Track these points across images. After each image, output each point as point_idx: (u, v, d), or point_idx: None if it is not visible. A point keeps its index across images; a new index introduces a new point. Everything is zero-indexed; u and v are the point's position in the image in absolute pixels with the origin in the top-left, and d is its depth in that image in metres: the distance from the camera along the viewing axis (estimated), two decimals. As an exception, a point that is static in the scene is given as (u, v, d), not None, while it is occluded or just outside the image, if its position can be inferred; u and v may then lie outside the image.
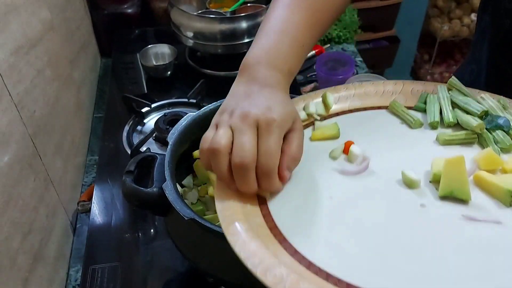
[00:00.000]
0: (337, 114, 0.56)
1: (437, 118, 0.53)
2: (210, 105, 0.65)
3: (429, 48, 2.31)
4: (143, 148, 0.87)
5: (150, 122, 0.96)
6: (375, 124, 0.54)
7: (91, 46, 1.18)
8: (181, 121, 0.62)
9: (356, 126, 0.54)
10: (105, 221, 0.76)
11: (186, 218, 0.50)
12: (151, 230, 0.76)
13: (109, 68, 1.17)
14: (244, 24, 1.03)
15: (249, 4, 1.12)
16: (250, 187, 0.43)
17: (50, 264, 0.70)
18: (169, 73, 1.09)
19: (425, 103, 0.56)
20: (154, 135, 0.90)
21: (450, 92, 0.56)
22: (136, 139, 0.91)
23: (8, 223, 0.58)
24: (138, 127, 0.95)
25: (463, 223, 0.42)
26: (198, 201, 0.64)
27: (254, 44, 0.51)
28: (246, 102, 0.45)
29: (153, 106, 0.98)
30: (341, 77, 1.07)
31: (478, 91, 0.56)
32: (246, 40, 1.05)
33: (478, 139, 0.51)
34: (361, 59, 1.24)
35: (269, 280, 0.35)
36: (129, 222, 0.76)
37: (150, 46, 1.11)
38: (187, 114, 0.64)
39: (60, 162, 0.80)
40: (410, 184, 0.45)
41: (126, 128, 0.94)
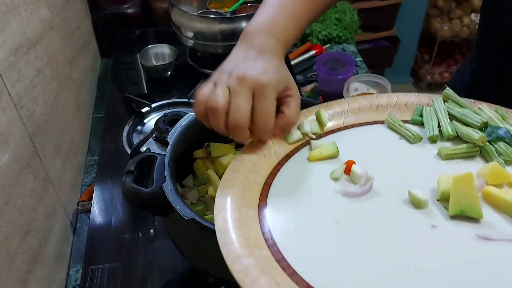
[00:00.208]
0: (332, 132, 0.54)
1: (436, 132, 0.52)
2: (210, 105, 0.65)
3: (429, 48, 2.31)
4: (143, 148, 0.87)
5: (150, 122, 0.96)
6: (373, 140, 0.53)
7: (91, 46, 1.18)
8: (181, 121, 0.62)
9: (353, 143, 0.53)
10: (105, 221, 0.76)
11: (186, 218, 0.50)
12: (151, 230, 0.76)
13: (109, 68, 1.17)
14: (244, 24, 1.03)
15: (249, 4, 1.12)
16: (245, 140, 0.49)
17: (50, 264, 0.70)
18: (169, 73, 1.09)
19: (421, 116, 0.55)
20: (154, 135, 0.90)
21: (446, 103, 0.55)
22: (136, 139, 0.91)
23: (7, 223, 0.58)
24: (138, 127, 0.95)
25: (478, 244, 0.40)
26: (198, 201, 0.64)
27: (255, 15, 0.55)
28: (244, 65, 0.49)
29: (153, 106, 0.98)
30: (341, 77, 1.07)
31: (474, 101, 0.55)
32: (246, 40, 1.05)
33: (481, 152, 0.50)
34: (361, 59, 1.24)
35: None
36: (129, 222, 0.76)
37: (150, 46, 1.11)
38: (187, 114, 0.64)
39: (59, 162, 0.80)
40: (418, 204, 0.44)
41: (126, 128, 0.94)
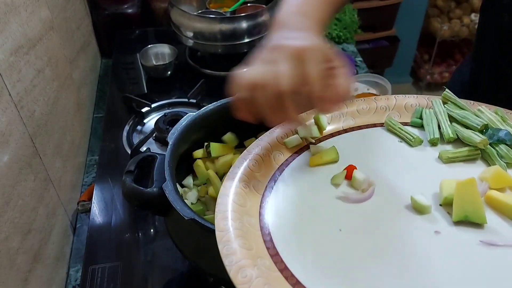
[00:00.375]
0: (331, 135, 0.54)
1: (437, 135, 0.52)
2: (210, 105, 0.65)
3: (429, 48, 2.31)
4: (143, 148, 0.87)
5: (150, 122, 0.96)
6: (373, 143, 0.53)
7: (91, 46, 1.18)
8: (181, 121, 0.62)
9: (353, 147, 0.52)
10: (105, 221, 0.76)
11: (186, 218, 0.50)
12: (151, 230, 0.76)
13: (109, 68, 1.17)
14: (244, 24, 1.03)
15: (249, 4, 1.12)
16: (291, 117, 0.44)
17: (50, 264, 0.70)
18: (169, 73, 1.09)
19: (421, 118, 0.55)
20: (154, 135, 0.90)
21: (445, 105, 0.55)
22: (136, 139, 0.91)
23: (8, 223, 0.58)
24: (138, 127, 0.95)
25: (483, 250, 0.40)
26: (198, 201, 0.64)
27: (282, 4, 0.53)
28: (280, 41, 0.46)
29: (153, 106, 0.98)
30: (341, 77, 1.07)
31: (473, 103, 0.55)
32: (246, 40, 1.05)
33: (482, 155, 0.50)
34: (361, 59, 1.24)
35: None
36: (129, 222, 0.76)
37: (150, 46, 1.11)
38: (187, 114, 0.64)
39: (60, 162, 0.80)
40: (421, 209, 0.44)
41: (126, 128, 0.94)
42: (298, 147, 0.53)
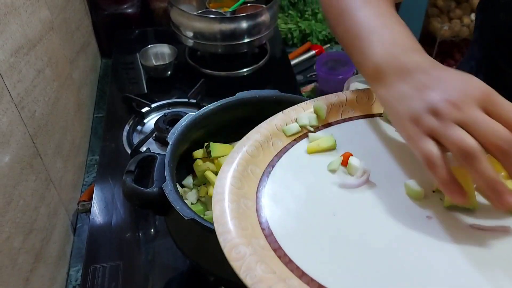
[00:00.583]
0: (330, 124, 0.55)
1: None
2: (210, 105, 0.65)
3: (429, 47, 2.31)
4: (143, 148, 0.87)
5: (150, 122, 0.96)
6: (370, 133, 0.53)
7: (91, 46, 1.18)
8: (181, 121, 0.63)
9: (351, 136, 0.53)
10: (105, 220, 0.77)
11: (186, 218, 0.50)
12: (152, 229, 0.76)
13: (109, 68, 1.17)
14: (244, 24, 1.03)
15: (249, 4, 1.12)
16: None
17: (51, 263, 0.71)
18: (169, 73, 1.09)
19: None
20: (154, 135, 0.90)
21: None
22: (136, 139, 0.91)
23: (9, 223, 0.58)
24: (138, 127, 0.95)
25: (472, 233, 0.41)
26: (198, 201, 0.64)
27: (366, 49, 0.47)
28: (433, 93, 0.38)
29: (153, 106, 0.98)
30: (341, 77, 1.08)
31: None
32: (246, 40, 1.05)
33: None
34: (361, 59, 1.23)
35: None
36: (129, 222, 0.77)
37: (150, 46, 1.11)
38: (187, 114, 0.64)
39: (60, 162, 0.80)
40: (413, 195, 0.44)
41: (126, 128, 0.94)
42: (296, 135, 0.53)
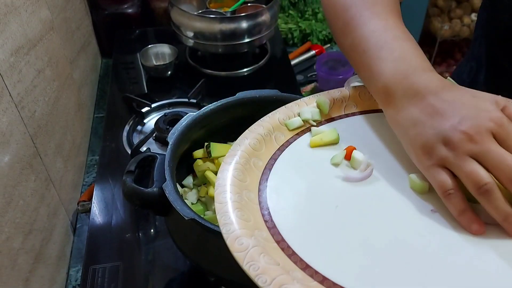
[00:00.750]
0: (333, 119, 0.55)
1: None
2: (210, 105, 0.65)
3: (429, 47, 2.31)
4: (143, 148, 0.87)
5: (150, 122, 0.96)
6: (374, 127, 0.53)
7: (92, 46, 1.18)
8: (181, 121, 0.62)
9: (354, 130, 0.53)
10: (105, 221, 0.76)
11: (186, 218, 0.50)
12: (152, 229, 0.76)
13: (109, 68, 1.17)
14: (244, 24, 1.03)
15: (249, 4, 1.12)
16: None
17: (51, 264, 0.71)
18: (169, 73, 1.09)
19: None
20: (154, 135, 0.90)
21: (455, 85, 0.56)
22: (136, 139, 0.91)
23: (9, 223, 0.58)
24: (138, 127, 0.95)
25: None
26: (198, 201, 0.64)
27: (374, 67, 0.47)
28: (445, 121, 0.39)
29: (153, 106, 0.98)
30: (341, 77, 1.07)
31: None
32: (246, 40, 1.05)
33: None
34: (361, 59, 1.23)
35: None
36: (129, 222, 0.77)
37: (150, 46, 1.11)
38: (187, 114, 0.64)
39: (60, 162, 0.80)
40: (417, 189, 0.44)
41: (127, 128, 0.94)
42: (299, 129, 0.53)
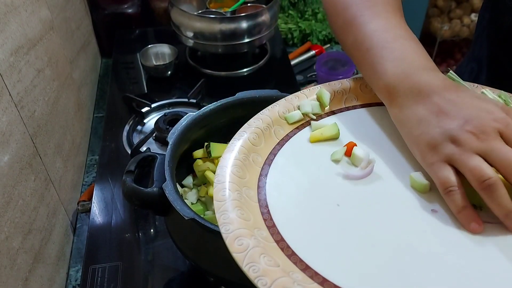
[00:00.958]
0: (333, 113, 0.54)
1: None
2: (210, 105, 0.65)
3: (429, 47, 2.31)
4: (143, 148, 0.87)
5: (150, 122, 0.96)
6: (375, 122, 0.52)
7: (91, 46, 1.18)
8: (181, 121, 0.62)
9: (354, 124, 0.52)
10: (105, 221, 0.76)
11: (186, 218, 0.50)
12: (152, 229, 0.76)
13: (109, 68, 1.17)
14: (244, 24, 1.03)
15: (249, 4, 1.12)
16: None
17: (51, 264, 0.70)
18: (169, 73, 1.09)
19: None
20: (154, 135, 0.90)
21: (457, 84, 0.55)
22: (136, 139, 0.91)
23: (8, 223, 0.58)
24: (138, 127, 0.95)
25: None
26: (198, 201, 0.64)
27: (377, 65, 0.47)
28: (451, 120, 0.40)
29: (153, 106, 0.98)
30: (341, 77, 1.07)
31: (477, 85, 0.54)
32: (246, 40, 1.05)
33: None
34: (361, 59, 1.23)
35: None
36: (129, 222, 0.77)
37: (150, 46, 1.11)
38: (187, 114, 0.64)
39: (60, 162, 0.80)
40: (419, 188, 0.44)
41: (127, 128, 0.94)
42: (299, 123, 0.52)
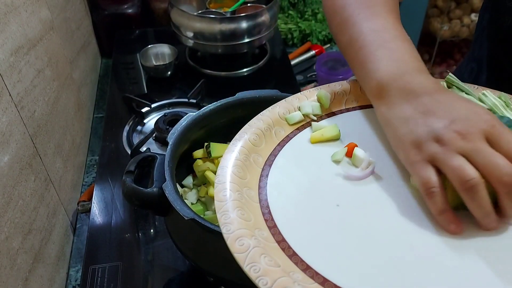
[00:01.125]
0: (333, 114, 0.54)
1: None
2: (210, 105, 0.65)
3: (429, 48, 2.31)
4: (143, 148, 0.87)
5: (150, 122, 0.96)
6: (375, 123, 0.52)
7: (91, 46, 1.18)
8: (181, 121, 0.62)
9: (355, 126, 0.52)
10: (105, 221, 0.76)
11: (186, 218, 0.50)
12: (151, 229, 0.76)
13: (109, 68, 1.17)
14: (244, 24, 1.03)
15: (249, 4, 1.12)
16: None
17: (51, 264, 0.71)
18: (169, 73, 1.09)
19: None
20: (154, 135, 0.90)
21: (449, 89, 0.55)
22: (136, 139, 0.91)
23: (8, 223, 0.58)
24: (138, 127, 0.95)
25: (478, 228, 0.40)
26: (198, 201, 0.64)
27: (370, 64, 0.48)
28: (438, 119, 0.40)
29: (153, 106, 0.98)
30: (341, 77, 1.07)
31: (477, 87, 0.55)
32: (246, 40, 1.05)
33: None
34: (361, 59, 1.23)
35: None
36: (129, 222, 0.77)
37: (150, 46, 1.11)
38: (187, 114, 0.64)
39: (60, 162, 0.80)
40: (419, 188, 0.43)
41: (126, 128, 0.94)
42: (299, 124, 0.52)
